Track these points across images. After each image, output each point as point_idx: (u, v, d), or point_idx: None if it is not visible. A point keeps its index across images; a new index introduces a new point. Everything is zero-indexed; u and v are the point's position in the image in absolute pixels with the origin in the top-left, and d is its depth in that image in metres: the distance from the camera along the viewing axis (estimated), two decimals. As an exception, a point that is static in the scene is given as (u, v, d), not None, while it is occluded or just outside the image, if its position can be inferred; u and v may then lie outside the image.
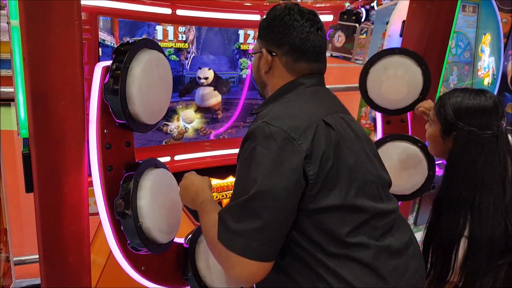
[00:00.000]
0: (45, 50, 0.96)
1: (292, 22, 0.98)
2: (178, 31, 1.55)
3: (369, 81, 1.56)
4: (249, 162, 0.87)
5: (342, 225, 0.89)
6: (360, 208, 0.91)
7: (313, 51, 0.99)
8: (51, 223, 1.08)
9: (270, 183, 0.84)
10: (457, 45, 2.28)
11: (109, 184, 1.10)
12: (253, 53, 1.08)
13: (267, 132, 0.87)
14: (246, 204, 0.85)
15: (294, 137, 0.86)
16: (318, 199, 0.88)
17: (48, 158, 1.03)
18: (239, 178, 0.92)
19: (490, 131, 1.14)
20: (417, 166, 1.56)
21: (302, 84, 1.00)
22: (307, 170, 0.86)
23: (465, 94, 1.19)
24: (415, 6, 1.64)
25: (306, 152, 0.86)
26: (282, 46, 0.99)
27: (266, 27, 1.02)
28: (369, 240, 0.91)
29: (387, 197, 1.00)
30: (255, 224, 0.84)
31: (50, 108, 1.00)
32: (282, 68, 1.01)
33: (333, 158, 0.89)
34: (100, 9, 1.36)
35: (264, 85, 1.06)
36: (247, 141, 0.91)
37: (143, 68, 1.03)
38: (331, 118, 0.94)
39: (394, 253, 0.93)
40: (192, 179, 1.07)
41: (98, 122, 1.07)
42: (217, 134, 1.80)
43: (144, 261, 1.17)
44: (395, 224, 0.98)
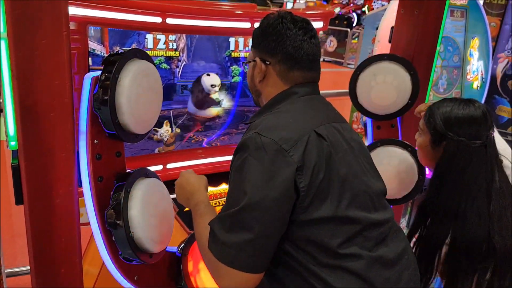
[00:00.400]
0: (34, 62, 0.96)
1: (285, 30, 0.98)
2: (168, 40, 1.55)
3: (359, 87, 1.57)
4: (240, 173, 0.87)
5: (334, 236, 0.89)
6: (352, 219, 0.91)
7: (306, 59, 0.99)
8: (42, 235, 1.07)
9: (261, 195, 0.84)
10: (446, 50, 2.31)
11: (100, 194, 1.10)
12: (247, 62, 1.08)
13: (259, 143, 0.87)
14: (236, 215, 0.85)
15: (286, 148, 0.86)
16: (310, 210, 0.87)
17: (38, 170, 1.02)
18: (230, 189, 0.92)
19: (479, 141, 1.15)
20: (407, 170, 1.57)
21: (295, 93, 0.99)
22: (298, 182, 0.86)
23: (454, 104, 1.20)
24: (403, 12, 1.66)
25: (298, 164, 0.86)
26: (275, 55, 0.99)
27: (260, 35, 1.02)
28: (361, 250, 0.90)
29: (381, 206, 1.00)
30: (245, 236, 0.84)
31: (39, 120, 0.99)
32: (276, 76, 1.01)
33: (324, 170, 0.88)
34: (90, 18, 1.36)
35: (258, 94, 1.06)
36: (239, 152, 0.91)
37: (132, 79, 1.03)
38: (324, 128, 0.93)
39: (387, 263, 0.93)
40: (188, 178, 1.07)
41: (88, 133, 1.07)
42: (209, 141, 1.80)
43: (137, 271, 1.16)
44: (389, 234, 0.98)
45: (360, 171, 0.97)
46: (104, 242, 1.10)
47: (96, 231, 1.10)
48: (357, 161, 0.97)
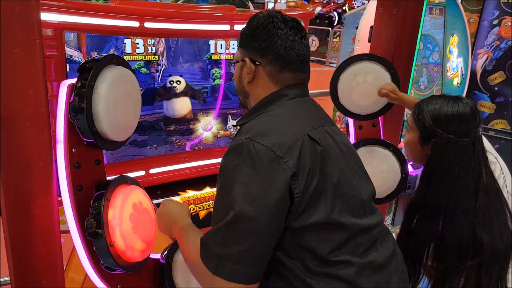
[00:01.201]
0: (6, 71, 0.94)
1: (276, 30, 0.95)
2: (147, 44, 1.54)
3: (340, 88, 1.58)
4: (232, 181, 0.84)
5: (325, 243, 0.87)
6: (344, 225, 0.89)
7: (297, 60, 0.97)
8: (22, 247, 1.04)
9: (256, 204, 0.81)
10: (426, 47, 2.34)
11: (80, 204, 1.08)
12: (235, 62, 1.05)
13: (252, 150, 0.84)
14: (230, 226, 0.82)
15: (280, 155, 0.84)
16: (303, 217, 0.86)
17: (15, 181, 1.00)
18: (220, 197, 0.88)
19: (468, 138, 1.15)
20: (390, 169, 1.59)
21: (285, 95, 0.97)
22: (293, 188, 0.84)
23: (443, 101, 1.20)
24: (382, 11, 1.68)
25: (293, 170, 0.84)
26: (266, 55, 0.96)
27: (249, 35, 0.99)
28: (352, 257, 0.90)
29: (371, 211, 0.99)
30: (241, 247, 0.81)
31: (14, 130, 0.97)
32: (266, 77, 0.98)
33: (318, 175, 0.87)
34: (66, 24, 1.33)
35: (246, 95, 1.04)
36: (229, 157, 0.88)
37: (109, 85, 1.02)
38: (316, 132, 0.92)
39: (377, 268, 0.92)
40: (170, 207, 1.05)
41: (66, 142, 1.05)
42: (192, 145, 1.79)
43: (120, 280, 1.15)
44: (379, 238, 0.97)
45: (351, 176, 0.96)
46: (85, 252, 1.08)
47: (77, 241, 1.09)
48: (348, 165, 0.96)
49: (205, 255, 0.85)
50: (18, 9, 0.92)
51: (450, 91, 2.52)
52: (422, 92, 2.37)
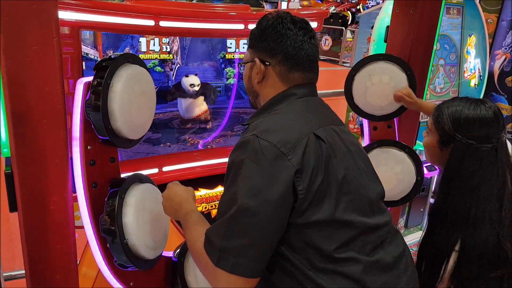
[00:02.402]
0: (24, 68, 0.95)
1: (285, 30, 0.97)
2: (162, 42, 1.54)
3: (355, 88, 1.56)
4: (236, 176, 0.86)
5: (331, 240, 0.88)
6: (349, 223, 0.90)
7: (306, 60, 0.98)
8: (37, 242, 1.06)
9: (258, 199, 0.83)
10: (443, 48, 2.30)
11: (94, 200, 1.09)
12: (244, 63, 1.06)
13: (257, 146, 0.86)
14: (233, 220, 0.84)
15: (284, 152, 0.85)
16: (307, 214, 0.87)
17: (31, 177, 1.01)
18: (225, 192, 0.90)
19: (489, 144, 1.10)
20: (405, 171, 1.56)
21: (293, 94, 0.98)
22: (297, 185, 0.85)
23: (465, 104, 1.15)
24: (399, 11, 1.65)
25: (297, 167, 0.85)
26: (275, 55, 0.97)
27: (258, 36, 1.00)
28: (359, 255, 0.90)
29: (379, 210, 0.99)
30: (243, 241, 0.83)
31: (31, 126, 0.98)
32: (276, 77, 0.99)
33: (323, 173, 0.88)
34: (82, 23, 1.35)
35: (256, 95, 1.05)
36: (235, 153, 0.90)
37: (124, 84, 1.02)
38: (323, 130, 0.92)
39: (385, 267, 0.92)
40: (175, 190, 1.06)
41: (81, 139, 1.06)
42: (205, 144, 1.79)
43: (132, 277, 1.16)
44: (387, 238, 0.97)
45: (358, 174, 0.96)
46: (99, 248, 1.09)
47: (91, 237, 1.10)
48: (356, 164, 0.96)
49: (209, 248, 0.87)
50: (36, 7, 0.94)
51: (467, 93, 2.47)
52: (438, 93, 2.33)
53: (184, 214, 1.00)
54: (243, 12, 1.63)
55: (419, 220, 2.45)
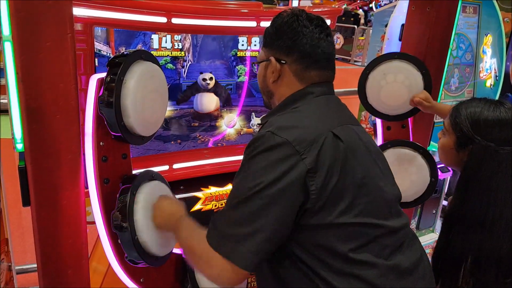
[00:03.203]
0: (39, 64, 0.96)
1: (301, 28, 0.95)
2: (174, 40, 1.54)
3: (368, 87, 1.54)
4: (247, 169, 0.86)
5: (347, 242, 0.86)
6: (366, 225, 0.88)
7: (323, 58, 0.97)
8: (49, 237, 1.07)
9: (266, 192, 0.82)
10: (458, 47, 2.25)
11: (106, 196, 1.10)
12: (259, 62, 1.04)
13: (272, 142, 0.85)
14: (238, 208, 0.84)
15: (299, 150, 0.84)
16: (322, 215, 0.85)
17: (44, 172, 1.02)
18: (236, 182, 0.90)
19: (509, 147, 1.07)
20: (419, 173, 1.53)
21: (311, 93, 0.96)
22: (309, 184, 0.83)
23: (484, 105, 1.12)
24: (414, 9, 1.62)
25: (309, 166, 0.83)
26: (291, 54, 0.96)
27: (273, 34, 0.98)
28: (376, 259, 0.88)
29: (396, 213, 0.97)
30: (245, 230, 0.83)
31: (45, 122, 0.99)
32: (292, 76, 0.97)
33: (339, 173, 0.86)
34: (95, 19, 1.35)
35: (271, 95, 1.03)
36: (250, 147, 0.89)
37: (137, 80, 1.02)
38: (341, 129, 0.91)
39: (402, 272, 0.90)
40: (167, 199, 1.08)
41: (94, 135, 1.07)
42: (215, 141, 1.79)
43: (143, 273, 1.16)
44: (405, 242, 0.95)
45: (377, 176, 0.94)
46: (110, 244, 1.10)
47: (102, 233, 1.10)
48: (374, 165, 0.95)
49: (211, 231, 0.87)
50: (51, 3, 0.94)
51: (482, 93, 2.42)
52: (453, 93, 2.29)
53: (176, 220, 1.01)
54: (255, 9, 1.62)
55: (431, 222, 2.42)
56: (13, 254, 1.66)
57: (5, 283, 1.62)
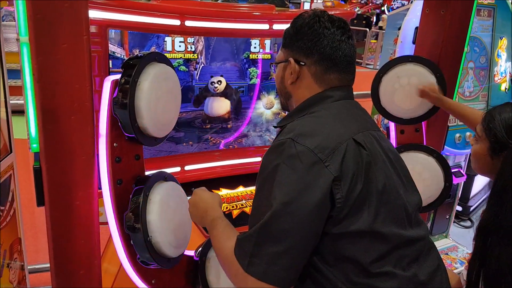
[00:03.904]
0: (54, 65, 0.97)
1: (323, 29, 0.92)
2: (187, 42, 1.55)
3: (382, 90, 1.52)
4: (271, 181, 0.82)
5: (367, 253, 0.84)
6: (387, 235, 0.85)
7: (344, 61, 0.93)
8: (62, 237, 1.08)
9: (294, 205, 0.79)
10: (472, 50, 2.22)
11: (119, 197, 1.10)
12: (277, 63, 1.02)
13: (293, 150, 0.81)
14: (266, 226, 0.80)
15: (322, 158, 0.81)
16: (345, 223, 0.83)
17: (59, 172, 1.03)
18: (260, 197, 0.86)
19: None
20: (433, 177, 1.51)
21: (330, 97, 0.94)
22: (335, 193, 0.81)
23: None
24: (429, 12, 1.61)
25: (335, 174, 0.81)
26: (311, 55, 0.93)
27: (293, 35, 0.96)
28: (395, 269, 0.85)
29: (416, 222, 0.94)
30: (276, 248, 0.79)
31: (60, 122, 1.00)
32: (311, 78, 0.95)
33: (363, 181, 0.83)
34: (110, 21, 1.37)
35: (288, 97, 1.01)
36: (270, 156, 0.86)
37: (151, 82, 1.03)
38: (362, 136, 0.88)
39: (420, 283, 0.87)
40: (201, 196, 1.03)
41: (108, 136, 1.07)
42: (226, 143, 1.79)
43: (154, 274, 1.16)
44: (423, 252, 0.92)
45: (398, 184, 0.91)
46: (122, 245, 1.10)
47: (115, 233, 1.11)
48: (395, 172, 0.92)
49: (240, 252, 0.84)
50: (67, 5, 0.95)
51: (497, 97, 2.38)
52: (467, 97, 2.25)
53: (211, 221, 0.97)
54: (268, 12, 1.62)
55: (444, 227, 2.38)
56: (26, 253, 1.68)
57: (18, 282, 1.63)
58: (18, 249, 1.63)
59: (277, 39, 1.71)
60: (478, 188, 2.98)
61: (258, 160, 1.83)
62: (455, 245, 2.38)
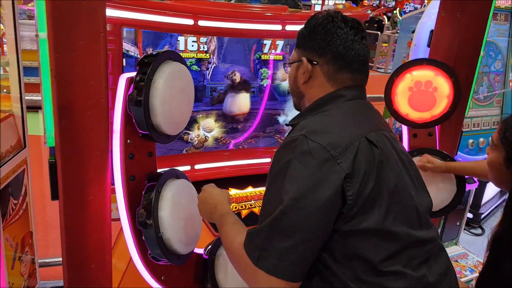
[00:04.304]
0: (72, 62, 0.98)
1: (336, 29, 0.92)
2: (200, 42, 1.56)
3: (395, 93, 1.51)
4: (283, 177, 0.83)
5: (377, 251, 0.84)
6: (398, 235, 0.85)
7: (357, 61, 0.93)
8: (75, 231, 1.09)
9: (305, 201, 0.80)
10: (488, 55, 2.19)
11: (132, 193, 1.11)
12: (290, 63, 1.03)
13: (305, 147, 0.82)
14: (277, 221, 0.81)
15: (334, 155, 0.82)
16: (355, 221, 0.83)
17: (73, 167, 1.04)
18: (271, 192, 0.87)
19: None
20: (445, 182, 1.49)
21: (343, 96, 0.94)
22: (347, 190, 0.81)
23: None
24: (444, 15, 1.59)
25: (346, 172, 0.81)
26: (324, 55, 0.94)
27: (307, 35, 0.97)
28: (405, 269, 0.85)
29: (426, 224, 0.94)
30: (286, 243, 0.80)
31: (75, 118, 1.01)
32: (323, 77, 0.95)
33: (375, 179, 0.84)
34: (124, 20, 1.38)
35: (301, 96, 1.01)
36: (282, 152, 0.87)
37: (166, 80, 1.04)
38: (375, 135, 0.88)
39: (429, 285, 0.87)
40: (210, 192, 1.04)
41: (122, 133, 1.08)
42: (236, 144, 1.79)
43: (164, 271, 1.17)
44: (433, 254, 0.92)
45: (410, 185, 0.91)
46: (133, 241, 1.11)
47: (127, 229, 1.12)
48: (407, 173, 0.92)
49: (249, 246, 0.84)
50: (85, 3, 0.96)
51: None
52: (481, 102, 2.22)
53: (219, 216, 0.98)
54: (280, 13, 1.62)
55: (455, 234, 2.34)
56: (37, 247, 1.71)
57: (29, 275, 1.66)
58: (30, 242, 1.66)
59: (289, 41, 1.71)
60: (490, 196, 2.94)
61: (267, 161, 1.83)
62: (465, 253, 2.34)
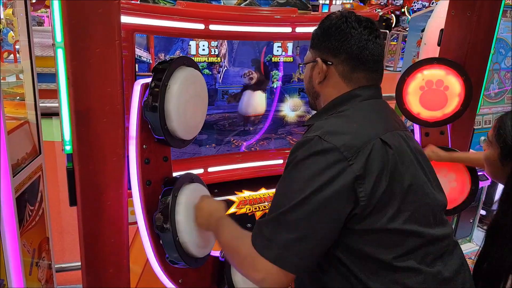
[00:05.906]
0: (88, 69, 1.00)
1: (350, 29, 0.94)
2: (211, 46, 1.57)
3: (407, 92, 1.51)
4: (295, 173, 0.86)
5: (391, 250, 0.85)
6: (412, 233, 0.87)
7: (371, 60, 0.95)
8: (93, 236, 1.11)
9: (313, 198, 0.82)
10: (498, 52, 2.18)
11: (148, 198, 1.13)
12: (305, 63, 1.05)
13: (319, 147, 0.84)
14: (285, 214, 0.84)
15: (347, 156, 0.83)
16: (368, 221, 0.85)
17: (91, 173, 1.06)
18: (282, 186, 0.89)
19: None
20: (458, 180, 1.49)
21: (358, 96, 0.95)
22: (358, 191, 0.83)
23: None
24: (454, 13, 1.59)
25: (357, 173, 0.83)
26: (338, 55, 0.95)
27: (321, 35, 0.98)
28: (420, 265, 0.87)
29: (441, 221, 0.95)
30: (292, 235, 0.83)
31: (92, 125, 1.03)
32: (338, 77, 0.96)
33: (388, 180, 0.85)
34: (136, 26, 1.39)
35: (316, 96, 1.03)
36: (297, 151, 0.89)
37: (181, 86, 1.05)
38: (390, 136, 0.90)
39: (443, 280, 0.89)
40: (206, 200, 1.10)
41: (138, 138, 1.10)
42: (248, 146, 1.80)
43: (182, 274, 1.18)
44: (447, 251, 0.93)
45: (424, 183, 0.92)
46: (151, 245, 1.13)
47: (144, 233, 1.13)
48: (422, 172, 0.93)
49: (257, 235, 0.87)
50: (101, 11, 0.98)
51: (522, 100, 2.33)
52: (492, 99, 2.21)
53: (216, 221, 1.02)
54: (290, 15, 1.63)
55: (468, 231, 2.33)
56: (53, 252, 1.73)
57: (46, 280, 1.68)
58: (46, 248, 1.68)
59: (300, 42, 1.71)
60: (502, 192, 2.90)
61: (279, 162, 1.83)
62: (479, 250, 2.33)
